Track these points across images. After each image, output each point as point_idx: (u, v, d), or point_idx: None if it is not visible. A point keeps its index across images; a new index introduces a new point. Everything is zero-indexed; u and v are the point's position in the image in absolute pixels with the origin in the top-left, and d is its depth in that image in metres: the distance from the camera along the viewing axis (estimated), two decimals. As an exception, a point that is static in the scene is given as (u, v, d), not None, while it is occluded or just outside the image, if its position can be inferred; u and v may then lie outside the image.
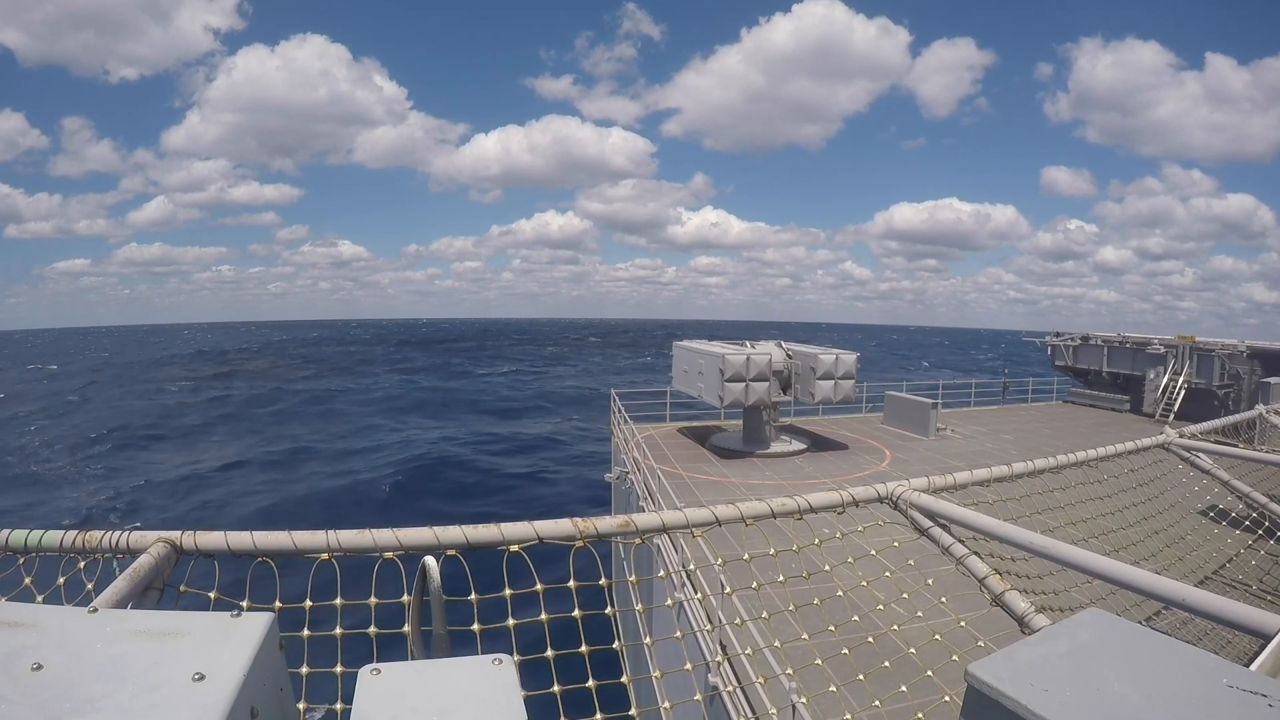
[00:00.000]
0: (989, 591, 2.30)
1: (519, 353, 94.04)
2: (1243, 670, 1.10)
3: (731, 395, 14.33)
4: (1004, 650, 1.19)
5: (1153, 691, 1.03)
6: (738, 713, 5.07)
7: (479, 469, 26.52)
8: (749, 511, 2.42)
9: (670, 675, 2.46)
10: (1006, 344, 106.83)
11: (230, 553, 1.98)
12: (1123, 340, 22.33)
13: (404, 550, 2.03)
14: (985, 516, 2.57)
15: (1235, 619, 1.82)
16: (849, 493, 2.63)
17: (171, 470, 26.79)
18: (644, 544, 2.40)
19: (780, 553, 2.45)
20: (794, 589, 2.55)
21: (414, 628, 1.91)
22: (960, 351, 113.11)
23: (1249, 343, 19.61)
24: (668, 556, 6.90)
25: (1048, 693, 1.03)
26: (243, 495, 23.69)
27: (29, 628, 1.08)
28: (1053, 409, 22.36)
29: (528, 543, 2.12)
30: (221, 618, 1.16)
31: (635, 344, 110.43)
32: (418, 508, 21.85)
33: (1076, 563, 2.23)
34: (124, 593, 1.71)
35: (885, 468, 14.13)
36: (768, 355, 14.66)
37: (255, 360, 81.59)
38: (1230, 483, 4.22)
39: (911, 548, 2.70)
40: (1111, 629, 1.22)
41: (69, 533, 1.99)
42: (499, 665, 1.19)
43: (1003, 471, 3.10)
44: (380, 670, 1.16)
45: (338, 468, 27.40)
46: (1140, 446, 4.05)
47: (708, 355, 15.01)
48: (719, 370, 14.21)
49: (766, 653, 2.71)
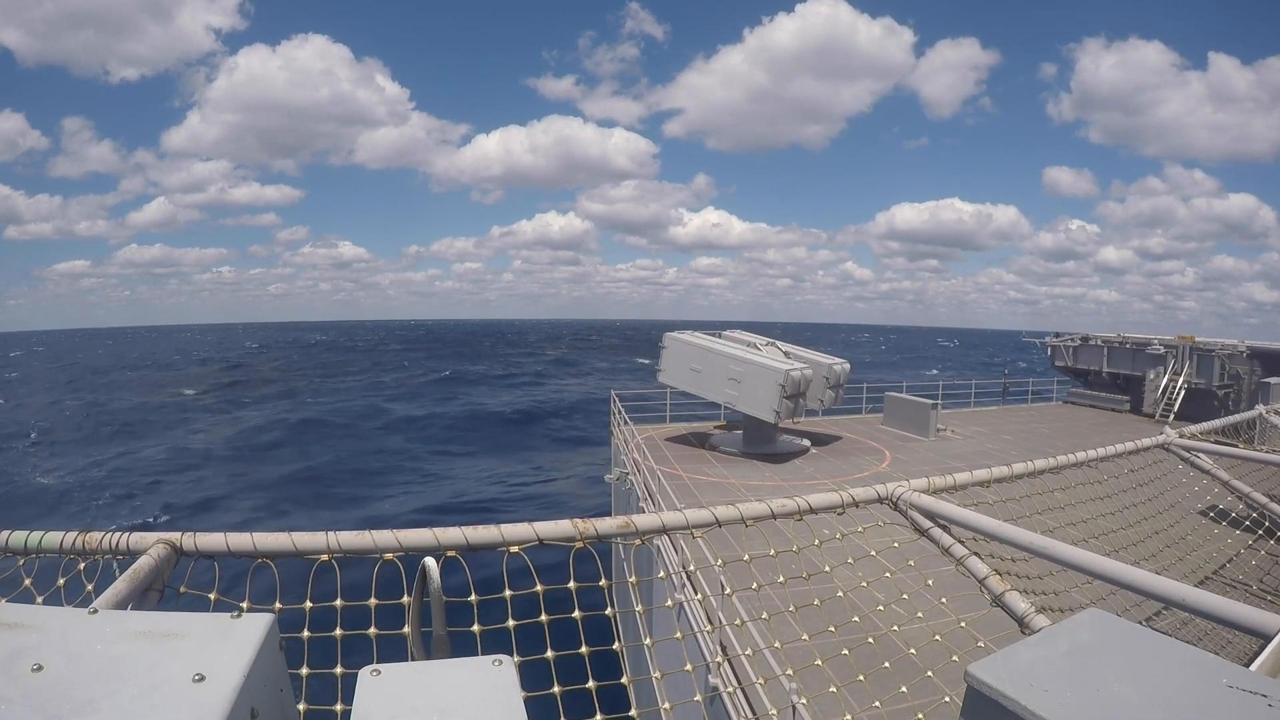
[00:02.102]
0: (989, 592, 2.29)
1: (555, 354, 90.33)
2: (1243, 670, 1.10)
3: (788, 410, 13.60)
4: (1004, 650, 1.19)
5: (1152, 691, 1.03)
6: (738, 713, 5.07)
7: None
8: (749, 512, 2.42)
9: (670, 676, 2.46)
10: (1012, 345, 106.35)
11: (230, 554, 1.98)
12: (1123, 340, 22.34)
13: (404, 551, 2.03)
14: (985, 517, 2.57)
15: (1235, 619, 1.82)
16: (849, 493, 2.63)
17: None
18: (644, 545, 2.40)
19: (780, 553, 2.45)
20: (794, 590, 2.55)
21: (414, 629, 1.91)
22: (971, 350, 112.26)
23: (1249, 343, 19.62)
24: (668, 557, 6.91)
25: (1048, 693, 1.03)
26: (243, 494, 23.71)
27: (29, 629, 1.08)
28: (1053, 409, 22.36)
29: (527, 544, 2.12)
30: (221, 619, 1.16)
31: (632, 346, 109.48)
32: (418, 508, 21.85)
33: (1076, 563, 2.23)
34: (124, 594, 1.71)
35: (885, 468, 14.12)
36: (807, 365, 14.27)
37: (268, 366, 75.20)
38: (1230, 483, 4.22)
39: (911, 548, 2.70)
40: (1111, 629, 1.22)
41: (69, 534, 1.99)
42: (499, 666, 1.19)
43: (1003, 472, 3.10)
44: (380, 671, 1.16)
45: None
46: (1140, 447, 4.05)
47: (751, 364, 14.10)
48: (779, 385, 13.38)
49: (767, 653, 2.72)
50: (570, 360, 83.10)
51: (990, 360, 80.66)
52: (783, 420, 14.01)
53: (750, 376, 14.06)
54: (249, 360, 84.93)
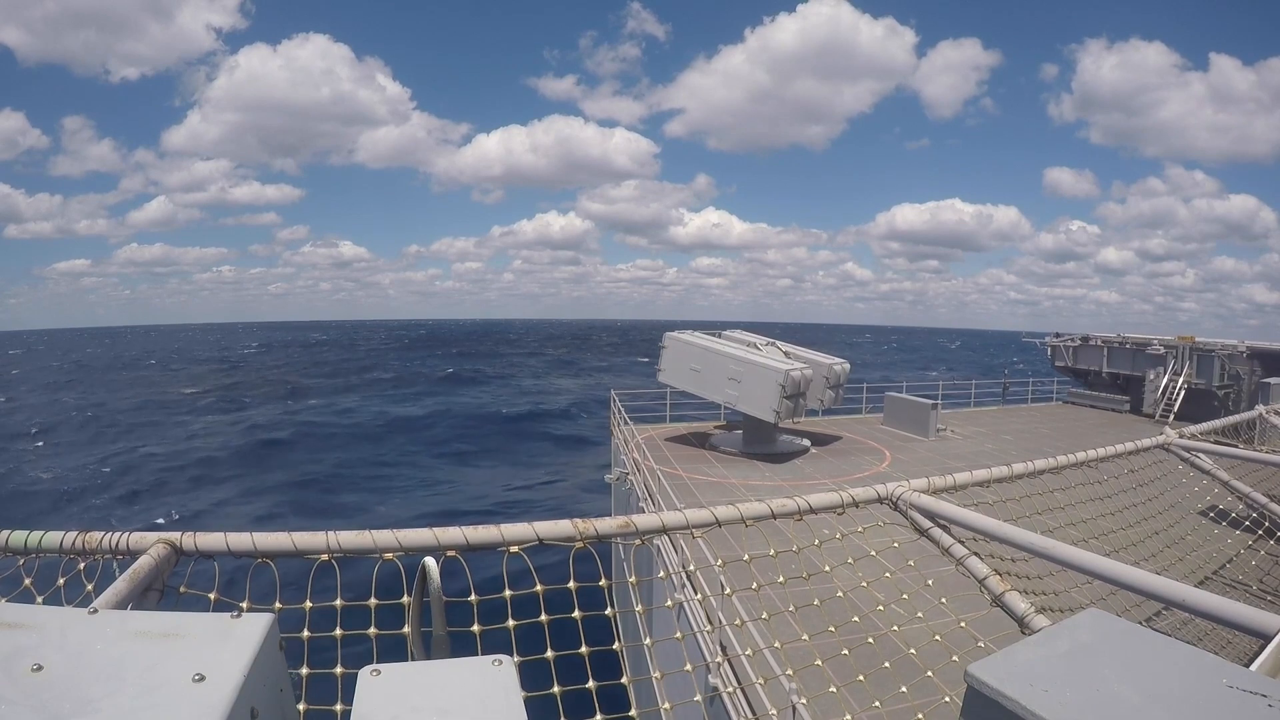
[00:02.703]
0: (989, 592, 2.29)
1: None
2: (1243, 670, 1.10)
3: (788, 410, 13.57)
4: (1004, 650, 1.19)
5: (1152, 692, 1.03)
6: (738, 713, 5.07)
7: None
8: (749, 512, 2.42)
9: (670, 676, 2.46)
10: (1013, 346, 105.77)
11: (230, 554, 1.99)
12: (1123, 341, 22.34)
13: (404, 551, 2.03)
14: (985, 517, 2.57)
15: (1235, 619, 1.82)
16: (849, 493, 2.63)
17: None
18: (644, 545, 2.40)
19: (780, 553, 2.45)
20: (794, 590, 2.55)
21: (414, 628, 1.91)
22: (972, 352, 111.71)
23: (1249, 343, 19.62)
24: (668, 557, 6.90)
25: (1048, 693, 1.03)
26: (243, 493, 23.71)
27: (29, 628, 1.08)
28: (1053, 409, 22.36)
29: (527, 544, 2.12)
30: (221, 619, 1.16)
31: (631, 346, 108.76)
32: (418, 508, 21.85)
33: (1076, 563, 2.23)
34: (124, 594, 1.71)
35: (885, 468, 14.12)
36: (807, 365, 14.23)
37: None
38: (1230, 483, 4.22)
39: (911, 548, 2.70)
40: (1111, 629, 1.22)
41: (69, 534, 1.99)
42: (499, 666, 1.19)
43: (1003, 472, 3.10)
44: (380, 671, 1.16)
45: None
46: (1140, 447, 4.05)
47: (751, 364, 14.04)
48: (779, 385, 13.35)
49: (766, 653, 2.71)
50: (570, 360, 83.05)
51: (991, 360, 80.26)
52: (783, 420, 13.98)
53: (750, 376, 14.04)
54: (249, 360, 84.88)
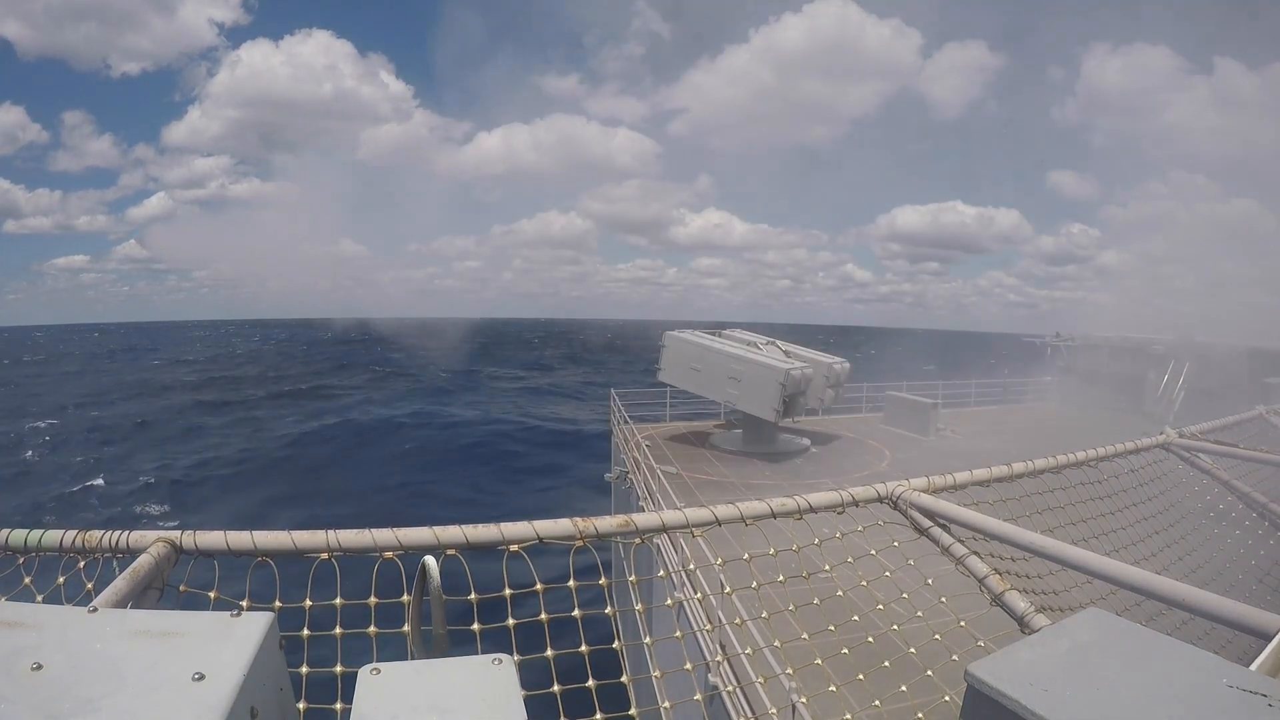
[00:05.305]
0: (989, 591, 2.30)
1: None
2: (1243, 670, 1.10)
3: (788, 409, 13.60)
4: (1004, 650, 1.19)
5: (1153, 691, 1.03)
6: (737, 712, 5.07)
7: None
8: (749, 511, 2.42)
9: (670, 675, 2.46)
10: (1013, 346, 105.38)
11: (230, 553, 1.98)
12: (1123, 341, 22.34)
13: (404, 550, 2.03)
14: (985, 516, 2.57)
15: (1235, 619, 1.82)
16: (849, 492, 2.63)
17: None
18: (644, 544, 2.40)
19: (780, 552, 2.45)
20: (794, 589, 2.55)
21: (414, 627, 1.91)
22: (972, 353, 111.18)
23: (1249, 343, 19.63)
24: (667, 556, 6.91)
25: (1048, 693, 1.03)
26: (243, 493, 23.71)
27: (29, 628, 1.08)
28: (1053, 409, 22.35)
29: (527, 542, 2.12)
30: (221, 617, 1.16)
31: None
32: (417, 507, 21.86)
33: (1076, 563, 2.23)
34: (124, 593, 1.71)
35: (885, 468, 14.13)
36: (807, 365, 14.21)
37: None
38: (1230, 483, 4.22)
39: (911, 548, 2.70)
40: (1111, 629, 1.22)
41: (69, 532, 1.99)
42: (499, 665, 1.19)
43: (1003, 471, 3.10)
44: (380, 670, 1.16)
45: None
46: (1140, 446, 4.05)
47: (751, 363, 14.01)
48: (779, 384, 13.34)
49: (766, 652, 2.71)
50: (570, 359, 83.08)
51: (991, 361, 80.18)
52: (782, 419, 13.98)
53: (750, 375, 14.04)
54: (249, 358, 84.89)
